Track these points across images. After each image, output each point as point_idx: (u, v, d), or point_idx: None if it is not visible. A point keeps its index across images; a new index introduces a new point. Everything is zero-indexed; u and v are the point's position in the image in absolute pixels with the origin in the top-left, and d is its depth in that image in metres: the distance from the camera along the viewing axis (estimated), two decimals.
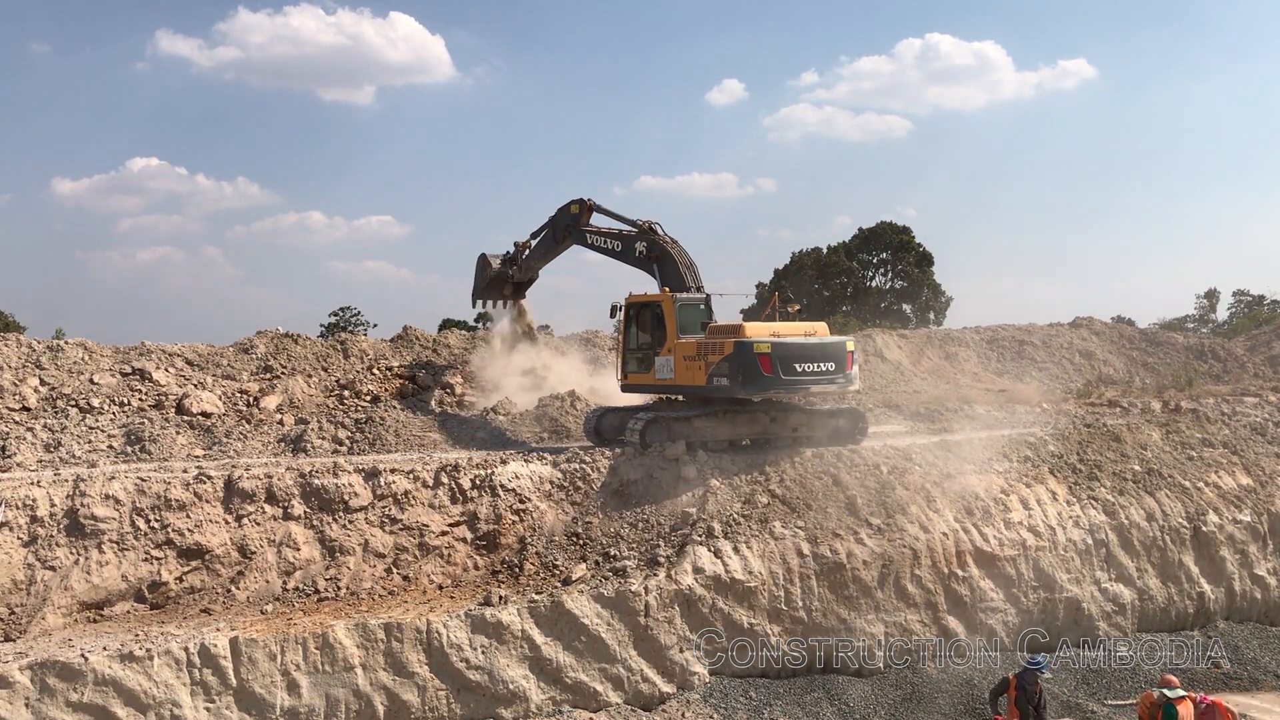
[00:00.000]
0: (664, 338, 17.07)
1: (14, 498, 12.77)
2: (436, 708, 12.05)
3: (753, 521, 14.69)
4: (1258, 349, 35.73)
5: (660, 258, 17.99)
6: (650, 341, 17.58)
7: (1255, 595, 17.80)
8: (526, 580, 13.48)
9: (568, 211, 20.11)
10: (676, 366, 16.80)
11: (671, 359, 16.87)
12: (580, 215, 19.80)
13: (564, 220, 20.14)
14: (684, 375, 16.68)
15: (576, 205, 19.90)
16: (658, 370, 17.23)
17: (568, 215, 20.05)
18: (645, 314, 17.74)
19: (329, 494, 14.03)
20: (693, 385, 16.57)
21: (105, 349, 19.53)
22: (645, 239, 18.42)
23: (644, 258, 18.35)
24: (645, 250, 18.33)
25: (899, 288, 57.16)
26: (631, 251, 18.67)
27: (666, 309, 17.09)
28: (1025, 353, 33.59)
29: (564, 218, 20.16)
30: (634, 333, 17.99)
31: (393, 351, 22.00)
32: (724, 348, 15.96)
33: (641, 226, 18.69)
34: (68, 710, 10.56)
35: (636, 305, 17.84)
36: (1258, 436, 20.86)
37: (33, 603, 12.18)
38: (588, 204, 19.74)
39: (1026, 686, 12.20)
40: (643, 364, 17.65)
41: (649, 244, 18.32)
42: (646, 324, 17.74)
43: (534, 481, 14.95)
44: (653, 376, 17.39)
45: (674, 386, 17.13)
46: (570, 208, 20.02)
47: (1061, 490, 17.16)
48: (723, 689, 13.46)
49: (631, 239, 18.72)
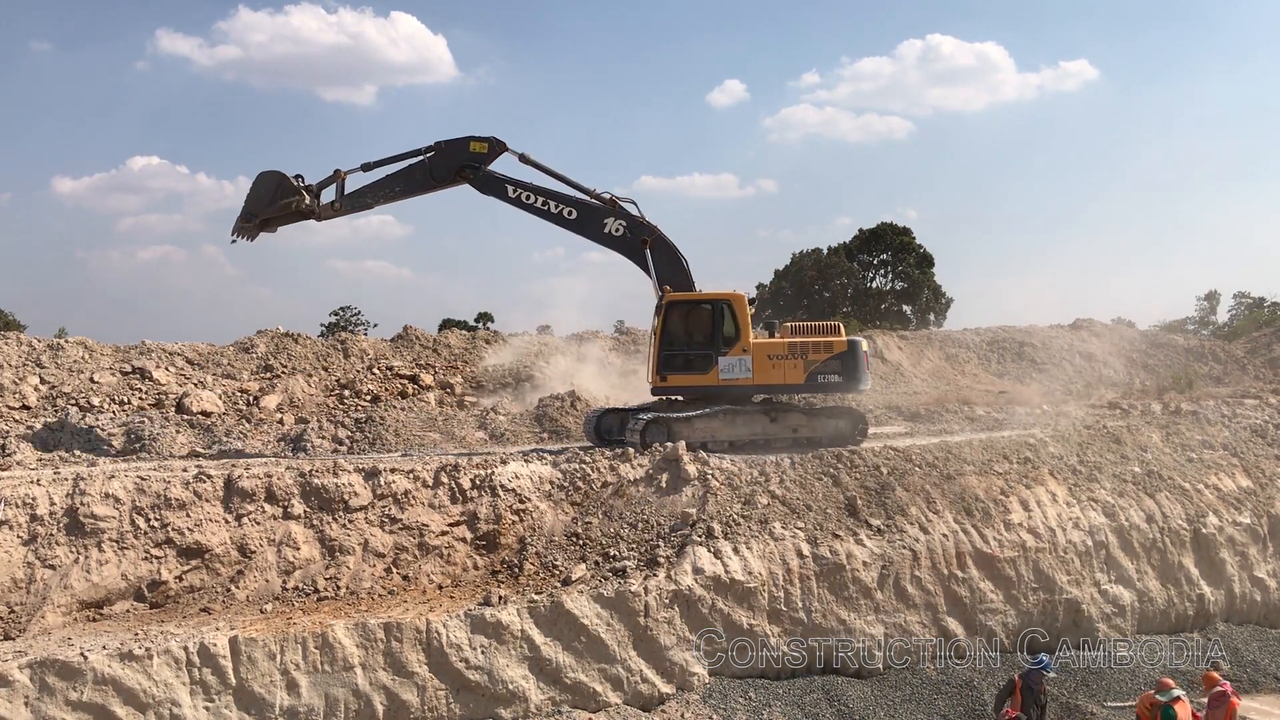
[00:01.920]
0: (733, 338, 17.01)
1: (14, 496, 12.76)
2: (436, 707, 12.04)
3: (752, 522, 14.69)
4: (1258, 351, 35.75)
5: (654, 246, 16.89)
6: (706, 341, 17.10)
7: (1255, 598, 17.80)
8: (526, 580, 13.48)
9: (465, 148, 16.37)
10: (758, 366, 16.91)
11: (748, 358, 16.91)
12: (486, 158, 16.28)
13: (457, 157, 16.41)
14: (771, 375, 16.99)
15: (482, 144, 16.26)
16: (723, 371, 16.97)
17: (465, 152, 16.36)
18: (700, 313, 17.16)
19: (329, 493, 14.02)
20: (786, 384, 17.18)
21: (105, 348, 19.55)
22: (625, 217, 16.79)
23: (620, 239, 16.72)
24: (625, 231, 16.69)
25: (899, 289, 57.20)
26: (596, 225, 16.75)
27: (740, 309, 17.09)
28: (1025, 354, 33.62)
29: (457, 153, 16.41)
30: (682, 333, 17.20)
31: (393, 351, 22.02)
32: (833, 347, 17.18)
33: (604, 200, 16.76)
34: (67, 709, 10.55)
35: (687, 305, 17.12)
36: (1258, 439, 20.87)
37: (32, 601, 12.18)
38: (501, 146, 16.32)
39: (1033, 687, 12.23)
40: (694, 365, 17.06)
41: (631, 225, 16.76)
42: (700, 324, 17.12)
43: (534, 481, 14.95)
44: (714, 377, 17.02)
45: (751, 386, 17.17)
46: (471, 145, 16.30)
47: (1061, 492, 17.16)
48: (722, 690, 13.45)
49: (596, 210, 16.78)
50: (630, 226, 16.78)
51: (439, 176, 16.41)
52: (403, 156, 16.33)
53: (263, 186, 16.59)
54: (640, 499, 15.05)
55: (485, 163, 16.32)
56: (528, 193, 16.42)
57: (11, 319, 41.01)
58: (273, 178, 16.59)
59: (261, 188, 16.61)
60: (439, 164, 16.35)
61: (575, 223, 16.67)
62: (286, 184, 16.47)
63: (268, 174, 16.66)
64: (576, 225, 16.71)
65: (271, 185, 16.53)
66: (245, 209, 16.66)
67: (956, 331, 36.12)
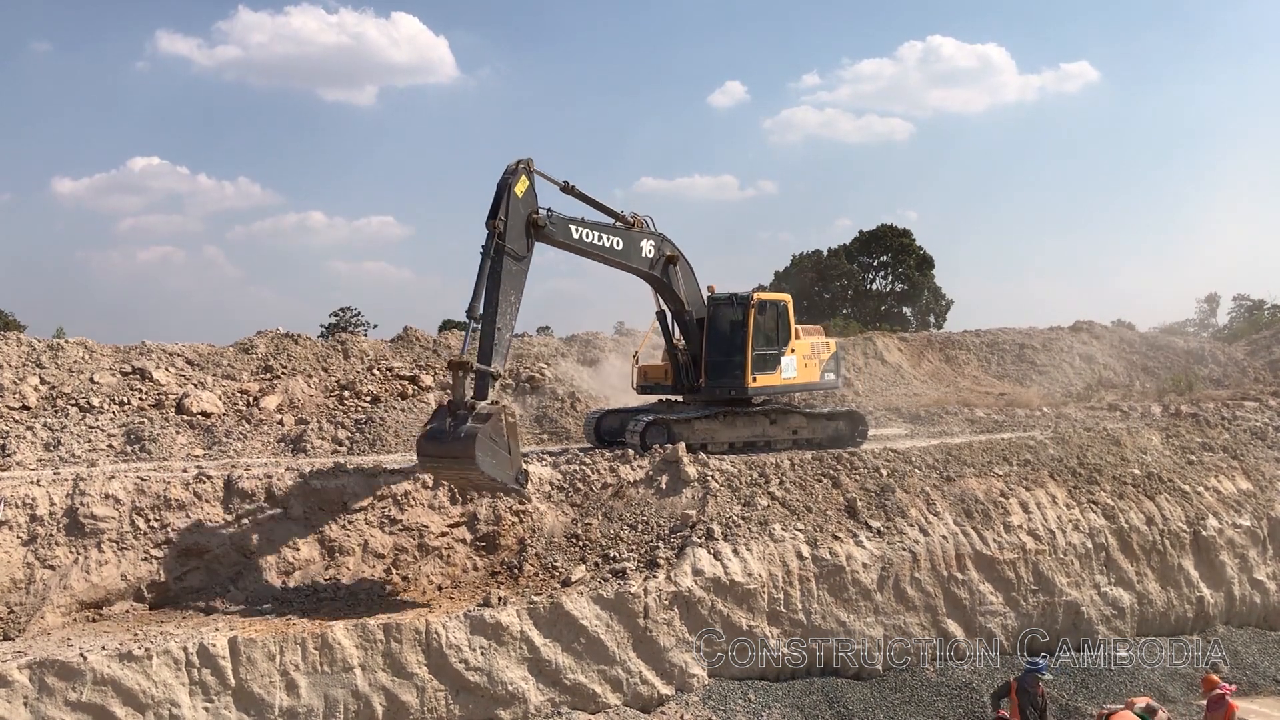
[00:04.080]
0: (788, 338, 17.57)
1: (14, 496, 12.76)
2: (435, 708, 12.04)
3: (752, 524, 14.68)
4: (1258, 353, 35.76)
5: (678, 260, 16.41)
6: (774, 341, 17.34)
7: (1254, 600, 17.80)
8: (526, 581, 13.47)
9: (514, 196, 13.32)
10: (799, 365, 17.63)
11: (795, 358, 17.63)
12: (530, 194, 13.66)
13: (519, 215, 13.45)
14: (805, 374, 17.88)
15: (522, 181, 13.47)
16: (784, 370, 17.50)
17: (520, 202, 13.45)
18: (771, 313, 17.38)
19: (329, 494, 14.02)
20: (809, 383, 18.13)
21: (105, 348, 19.54)
22: (652, 236, 15.94)
23: (652, 260, 15.76)
24: (654, 250, 15.74)
25: (899, 291, 57.22)
26: (635, 252, 15.59)
27: (790, 309, 17.81)
28: (1025, 356, 33.62)
29: (516, 211, 13.35)
30: (761, 334, 17.10)
31: (393, 352, 22.01)
32: (830, 347, 18.65)
33: (630, 221, 15.70)
34: (66, 709, 10.55)
35: (759, 304, 17.11)
36: (1258, 441, 20.87)
37: (32, 602, 12.18)
38: (530, 164, 13.69)
39: (1028, 689, 12.21)
40: (768, 365, 17.20)
41: (658, 243, 15.95)
42: (769, 324, 17.27)
43: (534, 482, 14.94)
44: (778, 377, 17.41)
45: (795, 385, 17.90)
46: (516, 189, 13.37)
47: (1061, 494, 17.16)
48: (721, 691, 13.45)
49: (633, 236, 15.70)
50: (658, 245, 16.08)
51: (522, 250, 13.53)
52: (480, 282, 13.04)
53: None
54: (640, 500, 15.05)
55: (537, 205, 13.86)
56: (586, 230, 14.77)
57: (11, 319, 41.03)
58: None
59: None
60: (515, 239, 13.35)
61: (620, 253, 15.34)
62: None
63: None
64: (621, 255, 15.38)
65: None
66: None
67: (956, 333, 36.12)
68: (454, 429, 12.25)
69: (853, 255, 57.32)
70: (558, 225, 14.31)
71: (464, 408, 12.36)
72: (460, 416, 12.32)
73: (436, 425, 12.59)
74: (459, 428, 12.20)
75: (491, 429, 12.19)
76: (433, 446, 12.51)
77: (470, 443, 11.95)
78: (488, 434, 12.11)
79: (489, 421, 12.19)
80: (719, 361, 17.11)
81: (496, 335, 12.97)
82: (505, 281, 13.19)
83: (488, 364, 12.84)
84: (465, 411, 12.32)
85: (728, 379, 17.04)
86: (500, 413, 12.50)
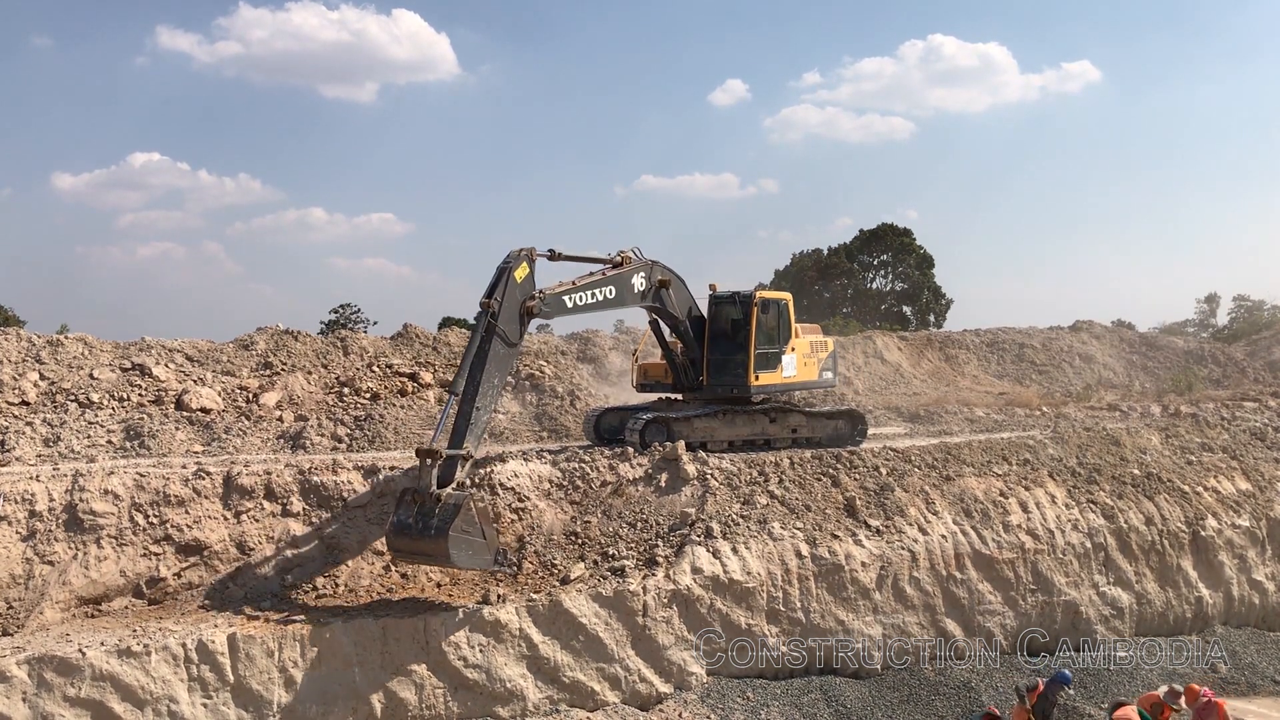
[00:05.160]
0: (789, 337, 17.65)
1: (13, 492, 12.76)
2: (434, 705, 12.04)
3: (751, 522, 14.68)
4: (1258, 354, 35.80)
5: (668, 283, 16.28)
6: (773, 340, 17.35)
7: (1253, 600, 17.81)
8: (525, 579, 13.47)
9: (514, 282, 13.34)
10: (799, 364, 17.82)
11: (795, 356, 17.77)
12: (529, 280, 13.66)
13: (514, 299, 13.36)
14: (805, 372, 18.11)
15: (524, 266, 13.53)
16: (785, 369, 17.62)
17: (518, 287, 13.41)
18: (773, 311, 17.38)
19: (328, 491, 14.02)
20: (808, 381, 18.40)
21: (105, 344, 19.52)
22: (641, 269, 15.71)
23: (645, 293, 15.82)
24: (645, 281, 15.72)
25: (900, 290, 57.22)
26: (629, 291, 15.46)
27: (791, 307, 17.91)
28: (1025, 356, 33.66)
29: (513, 296, 13.30)
30: (764, 332, 17.10)
31: (393, 349, 21.99)
32: (828, 346, 19.12)
33: (618, 262, 15.49)
34: (65, 705, 10.54)
35: (761, 303, 17.09)
36: (1257, 441, 20.88)
37: (31, 597, 12.18)
38: (533, 252, 13.83)
39: (1049, 695, 12.33)
40: (770, 363, 17.25)
41: (648, 273, 15.82)
42: (770, 322, 17.25)
43: (533, 480, 14.95)
44: (779, 376, 17.52)
45: (795, 384, 18.08)
46: (515, 275, 13.37)
47: (1060, 493, 17.16)
48: (720, 689, 13.45)
49: (623, 276, 15.43)
50: (648, 275, 15.96)
51: (514, 336, 13.46)
52: (466, 358, 13.04)
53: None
54: (639, 498, 15.05)
55: (534, 290, 13.77)
56: (580, 293, 14.66)
57: (11, 315, 40.98)
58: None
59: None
60: (508, 322, 13.26)
61: (615, 299, 15.35)
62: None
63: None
64: (616, 301, 15.41)
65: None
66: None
67: (956, 333, 36.16)
68: (422, 522, 11.82)
69: (853, 254, 57.31)
70: (552, 304, 14.20)
71: (430, 499, 11.87)
72: (427, 509, 11.86)
73: (403, 517, 12.02)
74: (428, 522, 11.78)
75: (463, 521, 11.77)
76: (403, 541, 12.07)
77: (442, 540, 11.59)
78: (460, 528, 11.71)
79: (459, 514, 11.73)
80: (721, 360, 17.12)
81: (474, 416, 12.68)
82: (491, 363, 13.00)
83: (459, 446, 12.44)
84: (432, 503, 11.84)
85: (730, 377, 17.06)
86: (468, 500, 12.06)
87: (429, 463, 12.11)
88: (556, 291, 14.29)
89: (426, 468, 12.10)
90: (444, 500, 11.87)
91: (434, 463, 12.13)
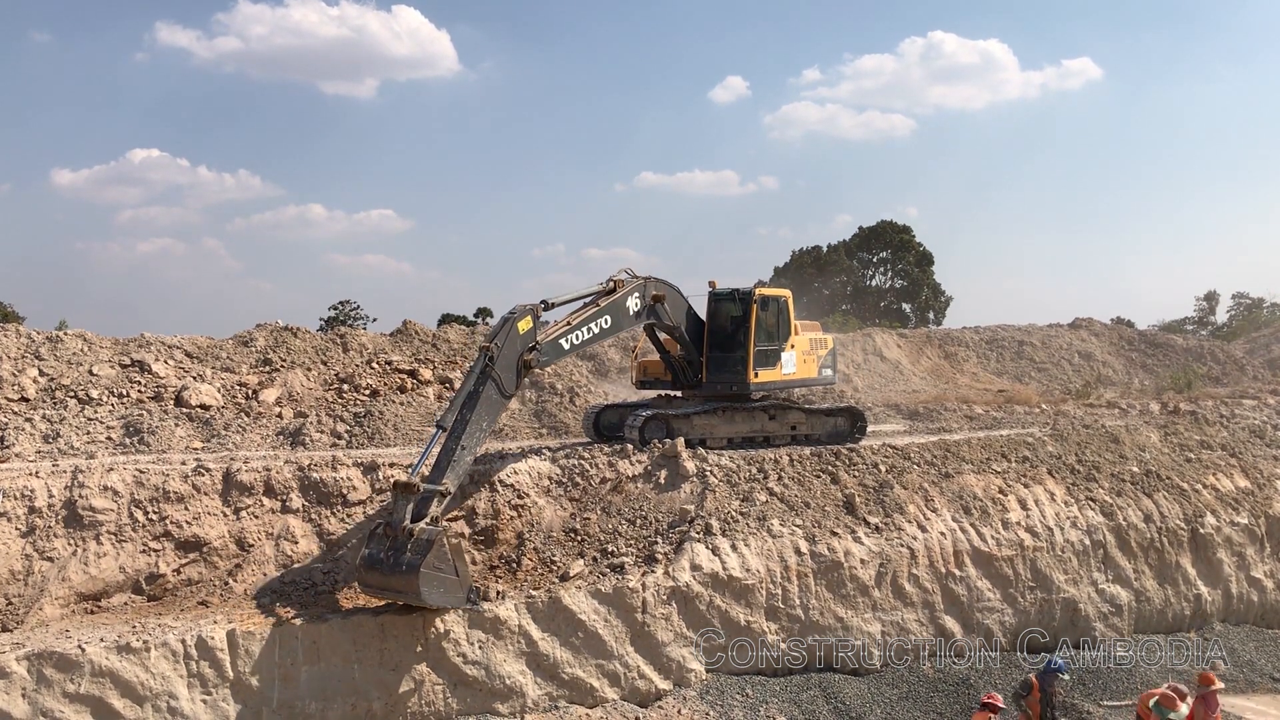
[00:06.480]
0: (789, 334, 17.74)
1: (12, 488, 12.75)
2: (433, 702, 12.05)
3: (751, 519, 14.69)
4: (1257, 352, 35.84)
5: (662, 297, 16.20)
6: (773, 337, 17.43)
7: (1252, 598, 17.83)
8: (524, 576, 13.48)
9: (517, 334, 13.51)
10: (799, 361, 17.93)
11: (794, 354, 17.87)
12: (531, 334, 13.82)
13: (514, 349, 13.51)
14: (804, 369, 18.22)
15: (528, 320, 13.73)
16: (785, 366, 17.72)
17: (519, 338, 13.57)
18: (773, 308, 17.48)
19: (327, 487, 14.02)
20: (808, 378, 18.53)
21: (104, 340, 19.51)
22: (635, 290, 15.67)
23: (640, 312, 15.85)
24: (641, 299, 15.73)
25: (899, 287, 57.28)
26: (624, 315, 15.60)
27: (790, 304, 17.95)
28: (1024, 353, 33.68)
29: (513, 345, 13.47)
30: (763, 330, 17.15)
31: (392, 346, 21.98)
32: (828, 343, 19.18)
33: (609, 287, 15.48)
34: (64, 701, 10.55)
35: (761, 300, 17.15)
36: (1256, 439, 20.90)
37: (30, 593, 12.18)
38: (536, 308, 14.03)
39: (1046, 688, 12.31)
40: (769, 360, 17.31)
41: (641, 292, 15.75)
42: (770, 320, 17.30)
43: (532, 477, 14.95)
44: (779, 373, 17.63)
45: (795, 381, 18.20)
46: (519, 327, 13.57)
47: (1059, 491, 17.17)
48: (719, 686, 13.47)
49: (615, 303, 15.41)
50: (641, 294, 15.88)
51: (509, 387, 13.56)
52: (459, 396, 13.22)
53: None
54: (639, 495, 15.05)
55: (536, 341, 13.94)
56: (575, 333, 14.84)
57: (11, 311, 40.98)
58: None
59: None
60: (505, 370, 13.37)
61: (612, 327, 15.50)
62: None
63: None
64: (613, 329, 15.58)
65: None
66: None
67: (955, 330, 36.18)
68: (393, 558, 11.50)
69: (852, 251, 57.38)
70: (549, 351, 14.21)
71: (402, 533, 11.57)
72: (399, 544, 11.54)
73: (374, 551, 11.71)
74: (399, 558, 11.46)
75: (435, 558, 11.39)
76: (374, 577, 11.73)
77: (413, 577, 11.23)
78: (431, 565, 11.33)
79: (430, 550, 11.35)
80: (720, 357, 17.14)
81: (458, 454, 12.51)
82: (482, 406, 12.97)
83: (438, 481, 12.14)
84: (404, 538, 11.54)
85: (729, 375, 17.08)
86: (440, 536, 11.60)
87: (404, 497, 11.80)
88: (552, 336, 14.30)
89: (401, 502, 11.80)
90: (416, 535, 11.52)
91: (410, 497, 11.82)
